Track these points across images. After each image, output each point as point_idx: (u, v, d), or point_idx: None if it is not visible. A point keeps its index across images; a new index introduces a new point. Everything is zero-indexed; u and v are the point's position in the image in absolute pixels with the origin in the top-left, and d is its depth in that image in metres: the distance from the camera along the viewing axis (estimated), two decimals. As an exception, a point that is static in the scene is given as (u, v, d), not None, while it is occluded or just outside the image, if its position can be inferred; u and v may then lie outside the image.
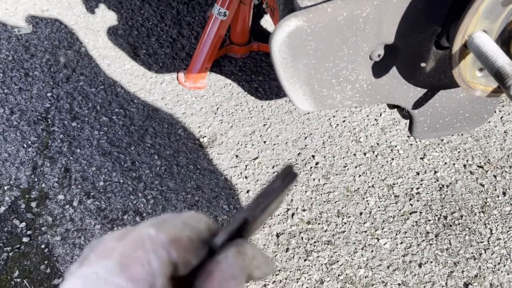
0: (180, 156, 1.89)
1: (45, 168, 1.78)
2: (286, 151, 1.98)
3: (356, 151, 2.00)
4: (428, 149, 2.03)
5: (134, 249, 0.31)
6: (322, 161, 1.95)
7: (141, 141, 1.92)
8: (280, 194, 0.37)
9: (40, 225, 1.63)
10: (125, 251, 0.32)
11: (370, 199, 1.83)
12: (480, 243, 1.71)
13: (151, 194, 1.75)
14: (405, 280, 1.59)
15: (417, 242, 1.70)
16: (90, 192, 1.73)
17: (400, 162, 1.97)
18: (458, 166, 1.97)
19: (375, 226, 1.74)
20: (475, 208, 1.82)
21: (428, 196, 1.85)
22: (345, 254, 1.65)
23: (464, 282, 1.59)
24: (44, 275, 1.52)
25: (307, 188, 1.85)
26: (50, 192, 1.72)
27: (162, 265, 0.31)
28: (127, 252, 0.31)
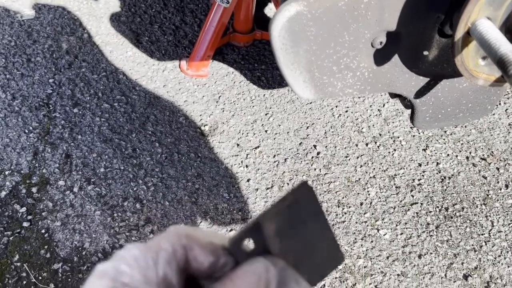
0: (181, 144, 1.89)
1: (46, 154, 1.78)
2: (288, 140, 1.97)
3: (358, 141, 1.99)
4: (430, 140, 2.01)
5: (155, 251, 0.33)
6: (324, 151, 1.94)
7: (142, 128, 1.92)
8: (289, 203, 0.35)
9: (40, 210, 1.63)
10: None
11: (371, 189, 1.82)
12: (481, 235, 1.70)
13: (152, 181, 1.75)
14: (404, 271, 1.59)
15: (417, 233, 1.69)
16: (90, 178, 1.74)
17: (402, 153, 1.96)
18: (460, 158, 1.95)
19: (375, 217, 1.73)
20: (476, 200, 1.81)
21: (430, 187, 1.84)
22: (345, 244, 1.65)
23: (463, 273, 1.59)
24: (44, 260, 1.52)
25: (308, 177, 1.84)
26: (51, 177, 1.72)
27: (178, 271, 0.33)
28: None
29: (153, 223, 1.65)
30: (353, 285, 1.54)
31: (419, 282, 1.56)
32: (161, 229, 1.63)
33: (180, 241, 0.33)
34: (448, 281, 1.57)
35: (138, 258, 0.31)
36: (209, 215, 1.69)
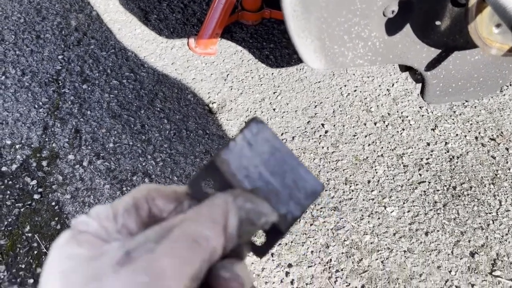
0: (190, 121, 1.90)
1: (56, 129, 1.80)
2: (296, 119, 1.96)
3: (367, 120, 1.98)
4: (439, 120, 2.00)
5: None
6: (332, 129, 1.94)
7: (150, 105, 1.93)
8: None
9: (50, 183, 1.65)
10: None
11: (379, 168, 1.82)
12: (488, 214, 1.70)
13: (160, 156, 1.77)
14: (411, 247, 1.59)
15: (424, 211, 1.70)
16: (100, 153, 1.75)
17: (410, 132, 1.95)
18: (469, 138, 1.94)
19: (382, 194, 1.74)
20: (485, 179, 1.80)
21: (438, 166, 1.84)
22: (352, 220, 1.66)
23: (470, 251, 1.59)
24: (54, 231, 1.55)
25: (315, 155, 1.85)
26: (61, 152, 1.74)
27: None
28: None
29: (161, 197, 1.66)
30: (359, 260, 1.55)
31: (426, 259, 1.57)
32: (170, 203, 1.65)
33: (142, 193, 0.33)
34: (454, 258, 1.57)
35: (99, 211, 0.32)
36: (217, 191, 1.71)
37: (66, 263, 0.29)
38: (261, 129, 0.36)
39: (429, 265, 1.55)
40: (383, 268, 1.54)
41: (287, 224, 0.35)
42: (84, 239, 0.30)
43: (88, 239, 0.30)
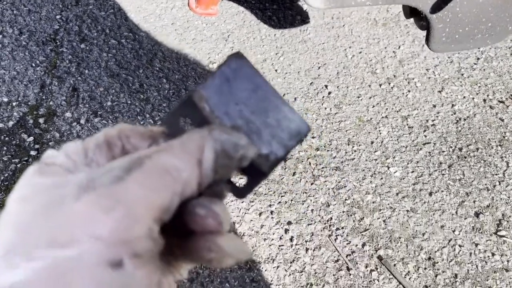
0: (189, 80, 1.85)
1: (53, 87, 1.77)
2: (298, 80, 1.91)
3: (371, 82, 1.93)
4: (447, 83, 1.94)
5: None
6: (335, 91, 1.89)
7: (149, 64, 1.88)
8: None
9: (47, 140, 1.63)
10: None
11: (383, 129, 1.77)
12: (495, 175, 1.65)
13: (159, 115, 1.73)
14: (414, 207, 1.55)
15: (429, 171, 1.65)
16: (97, 111, 1.72)
17: (416, 94, 1.90)
18: (477, 100, 1.88)
19: (386, 155, 1.69)
20: (492, 141, 1.75)
21: (444, 128, 1.78)
22: (353, 180, 1.62)
23: (475, 211, 1.55)
24: (51, 187, 1.53)
25: (318, 116, 1.80)
26: (58, 109, 1.71)
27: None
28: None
29: (159, 155, 1.63)
30: (360, 219, 1.52)
31: (429, 218, 1.53)
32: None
33: (115, 131, 0.31)
34: (458, 218, 1.53)
35: (69, 146, 0.30)
36: (216, 150, 1.67)
37: (27, 190, 0.27)
38: (241, 65, 0.33)
39: (433, 225, 1.51)
40: (385, 227, 1.51)
41: (270, 165, 0.33)
42: (49, 171, 0.28)
43: (54, 170, 0.28)
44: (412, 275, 1.41)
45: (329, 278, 1.39)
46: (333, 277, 1.40)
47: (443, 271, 1.42)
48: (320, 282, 1.39)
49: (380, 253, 1.45)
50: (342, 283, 1.39)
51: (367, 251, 1.45)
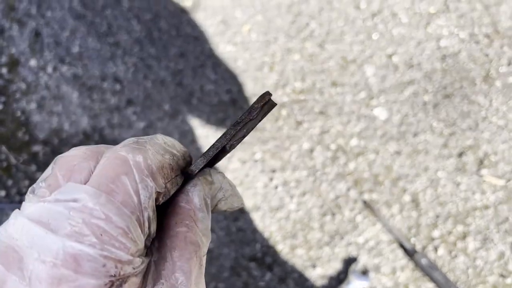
0: (161, 21, 1.72)
1: (14, 32, 1.62)
2: (279, 17, 1.80)
3: (355, 18, 1.83)
4: (432, 17, 1.86)
5: (118, 174, 0.25)
6: (318, 28, 1.79)
7: (117, 3, 1.73)
8: (258, 122, 0.33)
9: (13, 92, 1.52)
10: (107, 175, 0.25)
11: (367, 69, 1.71)
12: (478, 113, 1.64)
13: (131, 61, 1.62)
14: (398, 149, 1.55)
15: (413, 112, 1.63)
16: (64, 58, 1.60)
17: (401, 30, 1.82)
18: (463, 35, 1.82)
19: (370, 96, 1.65)
20: (477, 79, 1.72)
21: (429, 66, 1.74)
22: (338, 124, 1.59)
23: (458, 151, 1.56)
24: (23, 142, 1.45)
25: (301, 57, 1.72)
26: (21, 57, 1.58)
27: (150, 197, 0.27)
28: (110, 177, 0.25)
29: (135, 104, 1.55)
30: (344, 164, 1.51)
31: (413, 160, 1.53)
32: (145, 111, 1.54)
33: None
34: (442, 158, 1.54)
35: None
36: (195, 97, 1.60)
37: None
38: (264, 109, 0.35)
39: (416, 166, 1.52)
40: (369, 170, 1.50)
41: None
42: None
43: None
44: (396, 217, 1.43)
45: (314, 223, 1.41)
46: (318, 223, 1.41)
47: (425, 212, 1.44)
48: (305, 228, 1.40)
49: (364, 197, 1.46)
50: (327, 228, 1.40)
51: (352, 196, 1.46)
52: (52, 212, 0.24)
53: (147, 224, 0.26)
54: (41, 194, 0.27)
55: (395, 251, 1.38)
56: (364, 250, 1.39)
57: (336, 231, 1.40)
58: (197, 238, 0.29)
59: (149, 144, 0.29)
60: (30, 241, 0.24)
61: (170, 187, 0.29)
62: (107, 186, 0.25)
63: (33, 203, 0.26)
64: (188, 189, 0.31)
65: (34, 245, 0.24)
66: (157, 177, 0.28)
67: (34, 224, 0.24)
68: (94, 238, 0.24)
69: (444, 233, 1.42)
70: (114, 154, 0.27)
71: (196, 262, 0.28)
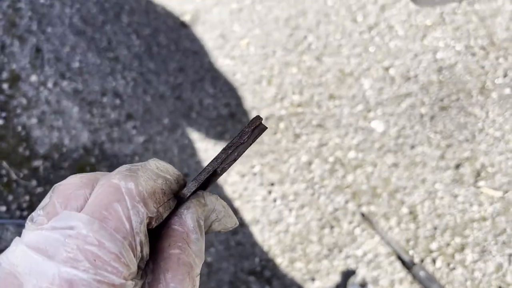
0: (160, 35, 1.74)
1: (15, 48, 1.64)
2: (277, 31, 1.83)
3: (352, 31, 1.85)
4: (429, 29, 1.88)
5: (110, 201, 0.27)
6: (316, 41, 1.81)
7: (117, 19, 1.76)
8: (249, 146, 0.34)
9: (14, 107, 1.54)
10: (101, 202, 0.27)
11: (365, 81, 1.73)
12: (475, 125, 1.65)
13: (131, 75, 1.64)
14: (396, 162, 1.56)
15: (410, 124, 1.64)
16: (65, 73, 1.62)
17: (398, 43, 1.84)
18: (459, 47, 1.84)
19: (367, 109, 1.67)
20: (473, 90, 1.74)
21: (426, 78, 1.75)
22: (336, 136, 1.60)
23: (455, 163, 1.57)
24: (23, 157, 1.46)
25: (299, 70, 1.74)
26: (22, 73, 1.60)
27: (141, 222, 0.28)
28: (103, 204, 0.27)
29: (135, 119, 1.57)
30: (343, 176, 1.52)
31: (410, 172, 1.54)
32: (144, 125, 1.56)
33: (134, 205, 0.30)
34: (439, 170, 1.55)
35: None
36: (194, 110, 1.61)
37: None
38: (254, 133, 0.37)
39: (414, 179, 1.53)
40: (367, 183, 1.51)
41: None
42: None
43: None
44: (394, 229, 1.44)
45: (313, 236, 1.41)
46: (317, 236, 1.42)
47: (423, 224, 1.45)
48: (304, 241, 1.41)
49: (363, 210, 1.46)
50: (326, 241, 1.41)
51: (350, 208, 1.47)
52: (49, 239, 0.26)
53: (139, 248, 0.28)
54: (40, 222, 0.28)
55: (394, 264, 1.39)
56: (363, 262, 1.39)
57: (334, 244, 1.41)
58: (190, 260, 0.30)
59: (142, 171, 0.31)
60: (29, 267, 0.25)
61: (162, 211, 0.30)
62: (100, 213, 0.27)
63: (31, 230, 0.27)
64: (181, 212, 0.32)
65: (32, 271, 0.25)
66: (148, 202, 0.29)
67: (33, 251, 0.26)
68: (88, 264, 0.25)
69: (442, 245, 1.42)
70: (107, 182, 0.29)
71: (189, 283, 0.29)
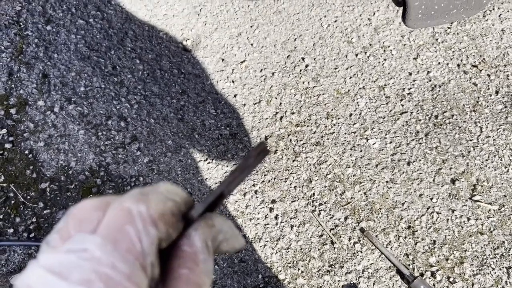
0: (163, 60, 1.81)
1: (22, 74, 1.70)
2: (275, 53, 1.89)
3: (348, 52, 1.92)
4: (421, 49, 1.95)
5: (122, 224, 0.29)
6: (312, 63, 1.88)
7: (121, 44, 1.82)
8: (253, 169, 0.38)
9: (22, 131, 1.59)
10: (113, 225, 0.29)
11: (361, 100, 1.78)
12: (469, 141, 1.70)
13: (135, 99, 1.70)
14: (393, 178, 1.60)
15: (406, 141, 1.69)
16: (71, 98, 1.67)
17: (392, 62, 1.90)
18: (452, 65, 1.91)
19: (364, 127, 1.72)
20: (466, 107, 1.79)
21: (420, 96, 1.81)
22: (334, 154, 1.64)
23: (451, 178, 1.61)
24: (30, 180, 1.50)
25: (296, 91, 1.80)
26: (29, 98, 1.65)
27: (152, 243, 0.30)
28: (115, 227, 0.29)
29: (139, 140, 1.61)
30: (342, 193, 1.56)
31: (408, 188, 1.58)
32: (148, 146, 1.60)
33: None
34: (436, 185, 1.59)
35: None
36: (196, 131, 1.66)
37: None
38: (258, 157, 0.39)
39: (411, 194, 1.57)
40: (366, 199, 1.55)
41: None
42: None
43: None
44: (393, 244, 1.47)
45: (314, 253, 1.44)
46: (318, 252, 1.45)
47: (422, 239, 1.48)
48: (306, 257, 1.44)
49: (362, 225, 1.50)
50: (327, 257, 1.44)
51: (350, 224, 1.50)
52: (64, 261, 0.28)
53: (150, 268, 0.29)
54: (55, 245, 0.30)
55: (394, 278, 1.42)
56: (364, 277, 1.42)
57: (335, 259, 1.44)
58: (199, 280, 0.32)
59: (152, 194, 0.32)
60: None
61: (172, 232, 0.32)
62: (112, 235, 0.29)
63: (47, 253, 0.29)
64: (190, 233, 0.33)
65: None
66: (158, 224, 0.30)
67: (48, 273, 0.27)
68: (101, 284, 0.27)
69: (442, 259, 1.45)
70: (119, 206, 0.31)
71: None
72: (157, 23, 1.91)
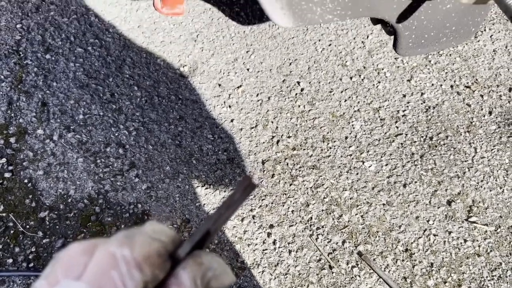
0: (161, 86, 1.84)
1: (21, 103, 1.72)
2: (271, 78, 1.92)
3: (342, 75, 1.95)
4: (415, 71, 1.98)
5: (107, 269, 0.30)
6: (308, 87, 1.91)
7: (119, 72, 1.85)
8: (240, 205, 0.36)
9: (21, 160, 1.60)
10: (98, 271, 0.31)
11: (356, 123, 1.81)
12: (464, 162, 1.72)
13: (133, 125, 1.72)
14: (389, 200, 1.61)
15: (402, 163, 1.71)
16: (70, 126, 1.69)
17: (386, 85, 1.93)
18: (445, 87, 1.94)
19: (360, 150, 1.74)
20: (460, 128, 1.81)
21: (414, 118, 1.84)
22: (330, 177, 1.66)
23: (447, 200, 1.62)
24: (30, 209, 1.51)
25: (292, 115, 1.82)
26: (29, 127, 1.67)
27: (137, 287, 0.30)
28: (100, 273, 0.30)
29: (137, 167, 1.63)
30: (339, 216, 1.57)
31: (404, 210, 1.59)
32: (146, 173, 1.62)
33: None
34: (432, 207, 1.60)
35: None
36: (194, 157, 1.68)
37: None
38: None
39: (408, 216, 1.58)
40: (363, 222, 1.56)
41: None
42: None
43: None
44: (391, 267, 1.47)
45: (312, 278, 1.45)
46: (317, 277, 1.45)
47: (419, 262, 1.49)
48: (304, 283, 1.44)
49: (360, 249, 1.51)
50: (325, 281, 1.44)
51: (348, 248, 1.51)
52: None
53: None
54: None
55: (393, 302, 1.42)
56: (362, 302, 1.42)
57: (334, 284, 1.44)
58: None
59: (137, 236, 0.33)
60: None
61: (158, 273, 0.32)
62: (98, 281, 0.30)
63: None
64: (178, 272, 0.34)
65: None
66: (143, 267, 0.31)
67: None
68: None
69: (439, 282, 1.46)
70: (104, 251, 0.32)
71: None
72: (154, 49, 1.94)
